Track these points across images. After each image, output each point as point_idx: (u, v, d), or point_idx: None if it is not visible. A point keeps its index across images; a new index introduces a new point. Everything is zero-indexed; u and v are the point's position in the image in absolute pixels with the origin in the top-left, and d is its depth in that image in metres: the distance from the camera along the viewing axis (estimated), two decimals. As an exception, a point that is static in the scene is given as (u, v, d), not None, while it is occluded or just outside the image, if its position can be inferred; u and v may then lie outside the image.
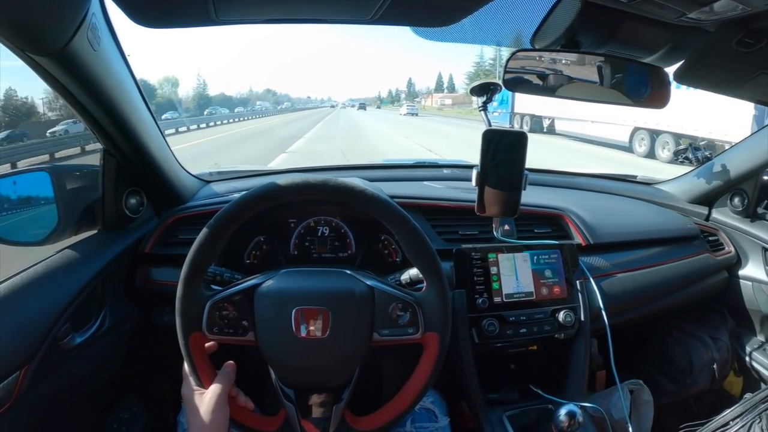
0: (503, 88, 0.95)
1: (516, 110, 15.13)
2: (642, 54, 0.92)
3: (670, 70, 0.91)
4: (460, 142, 12.12)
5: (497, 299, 1.03)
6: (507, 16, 0.89)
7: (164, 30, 0.82)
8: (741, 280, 1.41)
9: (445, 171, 1.53)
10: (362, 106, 56.64)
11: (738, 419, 0.80)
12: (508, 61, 0.89)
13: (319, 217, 1.08)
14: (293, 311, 0.72)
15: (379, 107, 76.89)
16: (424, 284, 0.77)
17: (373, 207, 0.75)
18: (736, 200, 1.42)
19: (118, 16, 0.79)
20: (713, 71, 0.87)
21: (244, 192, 0.75)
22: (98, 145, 0.97)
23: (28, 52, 0.71)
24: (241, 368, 0.78)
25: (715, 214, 1.47)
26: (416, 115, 35.77)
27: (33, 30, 0.67)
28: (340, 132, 18.00)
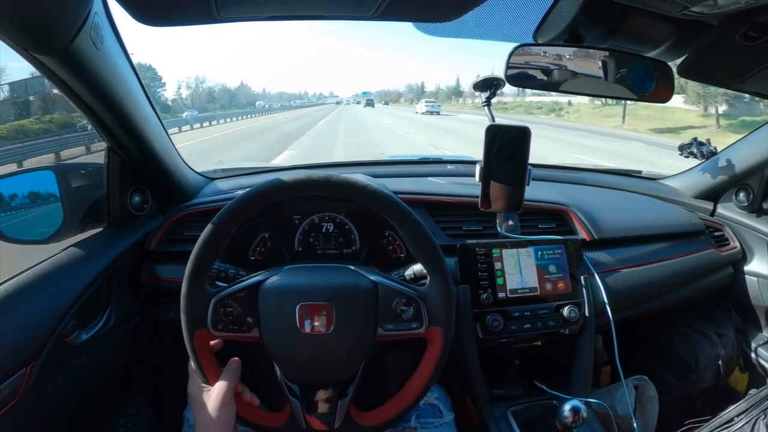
0: (506, 83, 0.95)
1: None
2: (645, 48, 0.91)
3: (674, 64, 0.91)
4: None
5: (501, 294, 1.02)
6: (509, 10, 0.88)
7: (166, 28, 0.82)
8: (746, 276, 1.40)
9: (449, 167, 1.53)
10: (369, 103, 55.95)
11: (743, 415, 0.80)
12: (510, 56, 0.88)
13: (323, 214, 1.08)
14: (297, 307, 0.72)
15: (386, 104, 75.38)
16: (428, 279, 0.77)
17: (376, 202, 0.75)
18: (742, 195, 1.42)
19: (120, 14, 0.79)
20: (717, 65, 0.86)
21: (247, 189, 0.75)
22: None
23: (31, 51, 0.71)
24: (247, 365, 0.78)
25: (721, 210, 1.47)
26: (438, 113, 32.83)
27: (36, 29, 0.67)
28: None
